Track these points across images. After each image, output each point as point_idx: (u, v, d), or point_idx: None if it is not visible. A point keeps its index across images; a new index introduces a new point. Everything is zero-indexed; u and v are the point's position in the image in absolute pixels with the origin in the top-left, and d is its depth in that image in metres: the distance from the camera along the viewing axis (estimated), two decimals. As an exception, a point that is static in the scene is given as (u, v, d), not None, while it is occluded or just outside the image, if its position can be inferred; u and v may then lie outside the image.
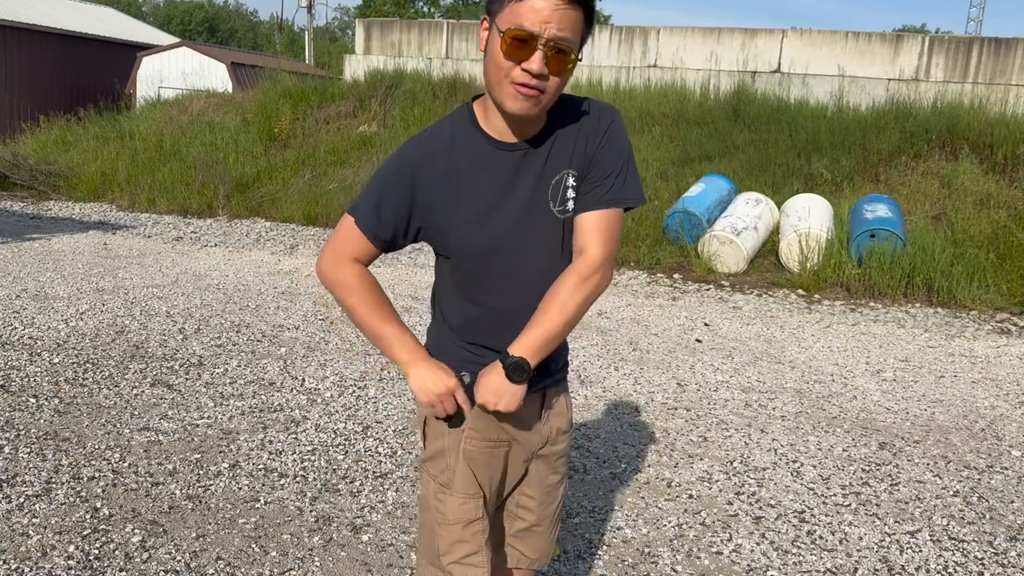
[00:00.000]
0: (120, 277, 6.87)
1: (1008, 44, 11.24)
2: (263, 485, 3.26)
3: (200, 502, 3.09)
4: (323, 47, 40.54)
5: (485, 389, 1.53)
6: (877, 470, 3.73)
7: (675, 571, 2.80)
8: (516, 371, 1.48)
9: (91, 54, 20.32)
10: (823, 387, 4.91)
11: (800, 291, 7.51)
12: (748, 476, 3.59)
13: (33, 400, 4.01)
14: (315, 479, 3.34)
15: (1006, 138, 9.50)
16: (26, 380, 4.29)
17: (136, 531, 2.85)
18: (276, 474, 3.37)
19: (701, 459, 3.76)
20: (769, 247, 8.42)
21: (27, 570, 2.58)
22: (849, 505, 3.36)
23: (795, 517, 3.23)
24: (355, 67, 14.88)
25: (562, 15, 1.37)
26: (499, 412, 1.54)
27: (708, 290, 7.54)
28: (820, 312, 6.89)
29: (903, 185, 9.31)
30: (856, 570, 2.86)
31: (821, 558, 2.92)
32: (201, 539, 2.83)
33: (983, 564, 2.94)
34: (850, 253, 7.71)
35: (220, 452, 3.54)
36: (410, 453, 3.65)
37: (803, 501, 3.37)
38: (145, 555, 2.71)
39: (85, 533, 2.82)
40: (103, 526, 2.87)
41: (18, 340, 4.96)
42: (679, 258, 8.26)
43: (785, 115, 10.88)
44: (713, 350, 5.60)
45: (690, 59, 12.77)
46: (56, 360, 4.63)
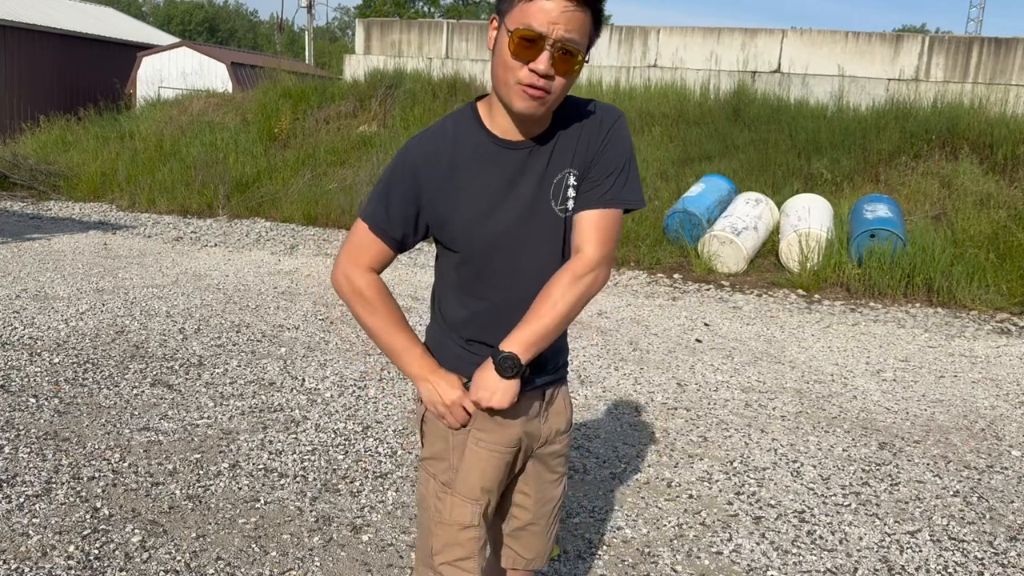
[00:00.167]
0: (120, 277, 6.87)
1: (1008, 44, 11.24)
2: (263, 485, 3.26)
3: (200, 502, 3.09)
4: (323, 47, 40.57)
5: (478, 386, 1.54)
6: (877, 470, 3.73)
7: (675, 571, 2.80)
8: (506, 366, 1.49)
9: (91, 54, 20.31)
10: (823, 387, 4.91)
11: (800, 291, 7.51)
12: (748, 476, 3.59)
13: (33, 400, 4.01)
14: (315, 479, 3.34)
15: (1006, 138, 9.50)
16: (26, 380, 4.29)
17: (136, 531, 2.85)
18: (276, 474, 3.37)
19: (701, 459, 3.76)
20: (769, 247, 8.42)
21: (27, 570, 2.58)
22: (849, 505, 3.36)
23: (795, 517, 3.23)
24: (355, 67, 14.88)
25: (570, 17, 1.38)
26: (493, 408, 1.55)
27: (708, 290, 7.54)
28: (820, 312, 6.89)
29: (903, 185, 9.31)
30: (856, 570, 2.86)
31: (821, 558, 2.92)
32: (201, 539, 2.83)
33: (983, 564, 2.94)
34: (850, 253, 7.71)
35: (220, 452, 3.55)
36: (410, 453, 3.65)
37: (803, 501, 3.37)
38: (145, 555, 2.71)
39: (85, 533, 2.82)
40: (103, 526, 2.87)
41: (18, 340, 4.96)
42: (679, 258, 8.26)
43: (785, 115, 10.88)
44: (713, 350, 5.60)
45: (690, 59, 12.77)
46: (56, 360, 4.63)
